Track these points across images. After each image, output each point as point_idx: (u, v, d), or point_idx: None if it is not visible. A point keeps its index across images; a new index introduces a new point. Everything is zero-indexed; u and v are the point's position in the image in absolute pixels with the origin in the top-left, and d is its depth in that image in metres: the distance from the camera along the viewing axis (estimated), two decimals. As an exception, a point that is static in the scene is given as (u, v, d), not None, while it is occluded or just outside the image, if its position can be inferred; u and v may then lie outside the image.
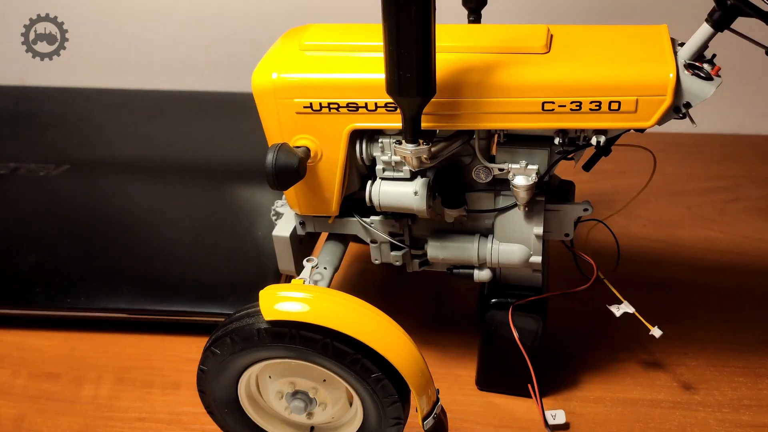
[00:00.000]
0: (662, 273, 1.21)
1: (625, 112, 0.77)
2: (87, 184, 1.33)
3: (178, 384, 1.02)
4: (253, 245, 1.17)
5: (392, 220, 0.92)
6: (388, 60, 0.71)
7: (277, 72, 0.82)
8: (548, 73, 0.78)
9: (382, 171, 0.87)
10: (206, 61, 1.68)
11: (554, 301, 1.03)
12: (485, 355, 0.98)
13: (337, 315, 0.77)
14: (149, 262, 1.15)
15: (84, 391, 1.01)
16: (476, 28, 0.88)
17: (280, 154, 0.79)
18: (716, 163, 1.50)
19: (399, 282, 1.19)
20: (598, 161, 0.88)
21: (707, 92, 0.75)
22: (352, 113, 0.83)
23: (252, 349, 0.80)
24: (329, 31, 0.88)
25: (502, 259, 0.90)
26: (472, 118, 0.80)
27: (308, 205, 0.91)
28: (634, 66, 0.77)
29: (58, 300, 1.09)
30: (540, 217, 0.87)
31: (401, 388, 0.80)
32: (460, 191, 0.88)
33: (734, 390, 1.00)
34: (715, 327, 1.10)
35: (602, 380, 1.02)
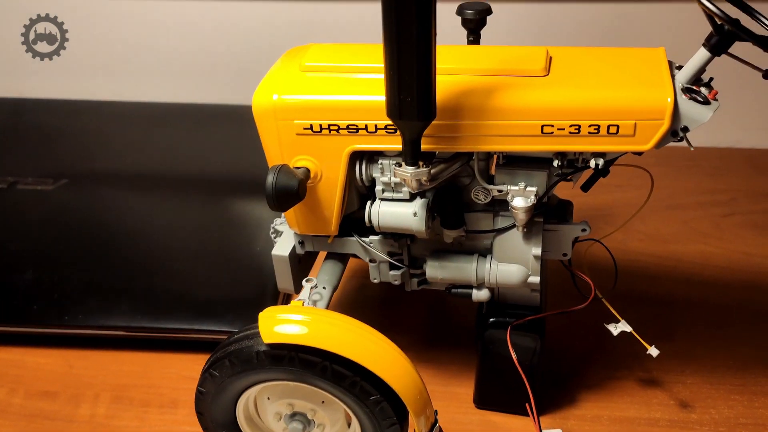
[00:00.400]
0: (659, 289, 1.21)
1: (624, 135, 0.77)
2: (85, 198, 1.32)
3: (175, 402, 1.02)
4: (253, 261, 1.17)
5: (391, 240, 0.92)
6: (389, 84, 0.72)
7: (278, 93, 0.83)
8: (547, 97, 0.78)
9: (381, 192, 0.88)
10: (206, 72, 1.68)
11: (552, 319, 1.03)
12: (483, 374, 0.98)
13: (335, 337, 0.77)
14: (148, 279, 1.14)
15: (81, 410, 1.01)
16: (476, 49, 0.88)
17: (280, 175, 0.79)
18: (712, 177, 1.51)
19: (398, 298, 1.19)
20: (596, 182, 0.89)
21: (704, 116, 0.76)
22: (352, 135, 0.83)
23: (251, 372, 0.80)
24: (330, 51, 0.88)
25: (501, 279, 0.90)
26: (472, 140, 0.80)
27: (307, 224, 0.91)
28: (632, 90, 0.77)
29: (55, 317, 1.08)
30: (538, 238, 0.88)
31: (399, 409, 0.80)
32: (459, 212, 0.88)
33: (730, 408, 1.00)
34: (712, 344, 1.10)
35: (600, 399, 1.02)
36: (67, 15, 1.50)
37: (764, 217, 1.38)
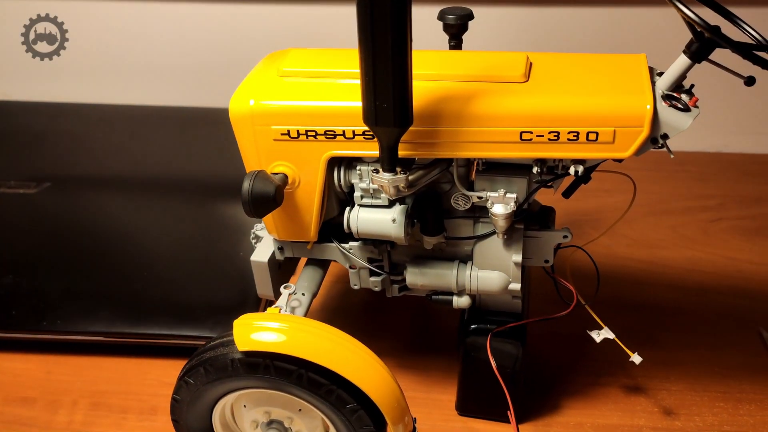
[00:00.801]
0: (645, 295, 1.21)
1: (603, 142, 0.77)
2: (67, 202, 1.31)
3: (154, 409, 1.01)
4: (235, 267, 1.16)
5: (371, 246, 0.91)
6: (365, 90, 0.71)
7: (255, 98, 0.82)
8: (526, 103, 0.77)
9: (360, 198, 0.87)
10: (191, 75, 1.67)
11: (536, 326, 1.03)
12: (465, 381, 0.98)
13: (311, 345, 0.76)
14: (128, 284, 1.13)
15: (59, 416, 1.00)
16: (456, 55, 0.88)
17: (257, 181, 0.78)
18: (700, 182, 1.50)
19: (382, 304, 1.18)
20: (577, 188, 0.88)
21: (684, 124, 0.75)
22: (329, 140, 0.82)
23: (226, 379, 0.79)
24: (309, 56, 0.88)
25: (481, 286, 0.89)
26: (450, 147, 0.80)
27: (286, 230, 0.90)
28: (611, 97, 0.77)
29: (34, 322, 1.07)
30: (519, 245, 0.87)
31: (377, 418, 0.79)
32: (439, 218, 0.87)
33: (715, 415, 1.00)
34: (697, 350, 1.09)
35: (583, 405, 1.01)
36: (67, 15, 1.50)
37: (752, 222, 1.38)
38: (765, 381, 1.04)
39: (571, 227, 1.38)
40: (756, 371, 1.06)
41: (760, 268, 1.26)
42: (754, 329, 1.13)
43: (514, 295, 0.92)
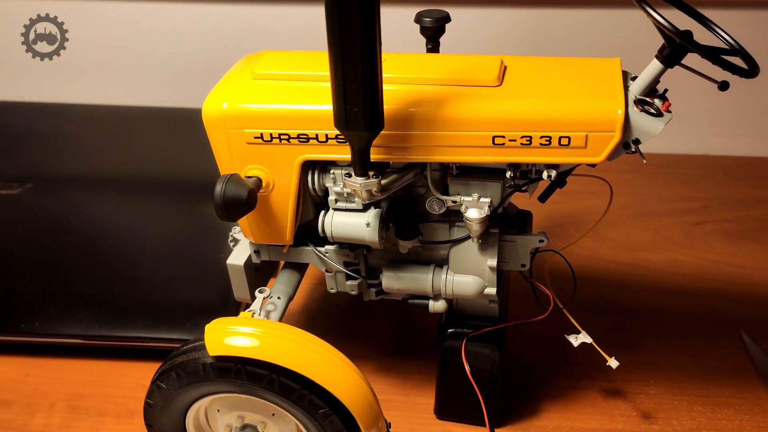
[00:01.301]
0: (627, 298, 1.21)
1: (576, 147, 0.77)
2: (48, 203, 1.31)
3: (132, 412, 1.00)
4: (216, 269, 1.15)
5: (347, 250, 0.91)
6: (335, 94, 0.71)
7: (228, 101, 0.81)
8: (499, 107, 0.77)
9: (334, 201, 0.87)
10: (177, 76, 1.66)
11: (515, 329, 1.03)
12: (443, 385, 0.97)
13: (283, 350, 0.76)
14: (108, 286, 1.13)
15: (36, 419, 0.99)
16: (429, 58, 0.87)
17: (229, 185, 0.78)
18: (686, 185, 1.50)
19: (363, 308, 1.18)
20: (553, 192, 0.88)
21: (656, 129, 0.75)
22: (303, 144, 0.82)
23: (198, 384, 0.79)
24: (284, 58, 0.87)
25: (457, 291, 0.89)
26: (423, 150, 0.79)
27: (262, 234, 0.90)
28: (584, 102, 0.76)
29: (11, 325, 1.07)
30: (494, 249, 0.87)
31: (350, 422, 0.79)
32: (414, 222, 0.87)
33: (693, 420, 0.99)
34: (677, 353, 1.09)
35: (562, 409, 1.01)
36: (67, 15, 1.50)
37: (735, 225, 1.38)
38: (744, 385, 1.04)
39: (555, 230, 1.39)
40: (736, 375, 1.05)
41: (742, 270, 1.26)
42: (735, 332, 1.12)
43: (490, 300, 0.92)
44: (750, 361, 1.08)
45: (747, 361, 1.08)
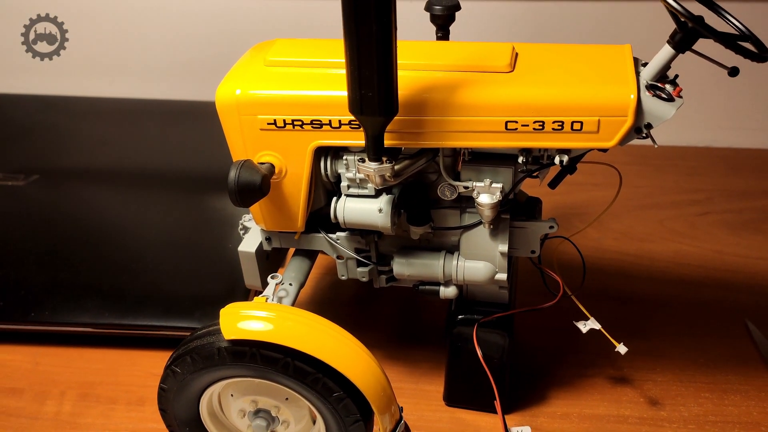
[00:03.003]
0: (632, 287, 1.22)
1: (588, 132, 0.77)
2: (55, 194, 1.31)
3: (142, 400, 1.01)
4: (224, 258, 1.16)
5: (358, 237, 0.91)
6: (350, 79, 0.71)
7: (241, 88, 0.82)
8: (511, 93, 0.78)
9: (347, 188, 0.87)
10: (180, 68, 1.67)
11: (523, 316, 1.03)
12: (452, 371, 0.98)
13: (297, 334, 0.77)
14: (116, 275, 1.13)
15: (47, 407, 1.00)
16: (442, 45, 0.88)
17: (243, 171, 0.78)
18: (688, 176, 1.51)
19: (370, 295, 1.19)
20: (563, 179, 0.88)
21: (668, 113, 0.76)
22: (316, 130, 0.82)
23: (213, 368, 0.79)
24: (295, 46, 0.88)
25: (468, 276, 0.90)
26: (436, 136, 0.80)
27: (273, 220, 0.90)
28: (596, 87, 0.77)
29: (22, 314, 1.07)
30: (505, 235, 0.87)
31: (364, 406, 0.80)
32: (426, 208, 0.88)
33: (700, 406, 1.00)
34: (683, 342, 1.10)
35: (569, 396, 1.02)
36: (67, 15, 1.50)
37: (738, 216, 1.39)
38: (750, 372, 1.05)
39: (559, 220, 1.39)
40: (741, 362, 1.06)
41: (746, 261, 1.27)
42: (740, 321, 1.13)
43: (500, 286, 0.93)
44: (755, 349, 1.09)
45: (752, 348, 1.09)
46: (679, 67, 0.81)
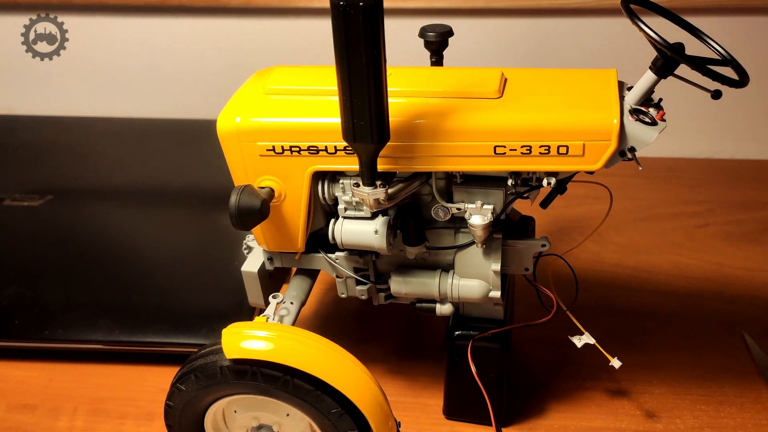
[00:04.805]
0: (631, 300, 1.23)
1: (573, 155, 0.80)
2: (69, 214, 1.35)
3: (152, 415, 1.04)
4: (231, 276, 1.19)
5: (356, 256, 0.94)
6: (343, 108, 0.74)
7: (241, 116, 0.85)
8: (499, 119, 0.81)
9: (344, 210, 0.90)
10: (192, 87, 1.71)
11: (521, 332, 1.06)
12: (451, 386, 1.01)
13: (296, 353, 0.80)
14: (127, 293, 1.17)
15: (60, 422, 1.03)
16: (433, 71, 0.91)
17: (243, 195, 0.82)
18: (689, 188, 1.53)
19: (372, 311, 1.21)
20: (554, 199, 0.91)
21: (650, 137, 0.78)
22: (313, 156, 0.85)
23: (216, 386, 0.82)
24: (293, 74, 0.91)
25: (462, 294, 0.92)
26: (427, 161, 0.83)
27: (275, 242, 0.94)
28: (581, 112, 0.80)
29: (36, 331, 1.11)
30: (498, 254, 0.90)
31: (361, 422, 0.83)
32: (420, 229, 0.90)
33: (696, 418, 1.02)
34: (680, 354, 1.12)
35: (567, 409, 1.04)
36: (67, 15, 1.52)
37: (738, 227, 1.40)
38: (746, 384, 1.06)
39: (560, 234, 1.42)
40: (738, 374, 1.08)
41: (745, 272, 1.29)
42: (738, 333, 1.15)
43: (495, 303, 0.95)
44: (752, 361, 1.10)
45: (749, 361, 1.10)
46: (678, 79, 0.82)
